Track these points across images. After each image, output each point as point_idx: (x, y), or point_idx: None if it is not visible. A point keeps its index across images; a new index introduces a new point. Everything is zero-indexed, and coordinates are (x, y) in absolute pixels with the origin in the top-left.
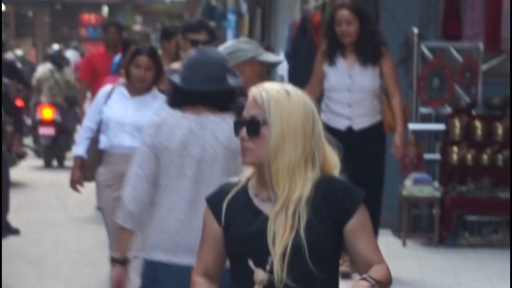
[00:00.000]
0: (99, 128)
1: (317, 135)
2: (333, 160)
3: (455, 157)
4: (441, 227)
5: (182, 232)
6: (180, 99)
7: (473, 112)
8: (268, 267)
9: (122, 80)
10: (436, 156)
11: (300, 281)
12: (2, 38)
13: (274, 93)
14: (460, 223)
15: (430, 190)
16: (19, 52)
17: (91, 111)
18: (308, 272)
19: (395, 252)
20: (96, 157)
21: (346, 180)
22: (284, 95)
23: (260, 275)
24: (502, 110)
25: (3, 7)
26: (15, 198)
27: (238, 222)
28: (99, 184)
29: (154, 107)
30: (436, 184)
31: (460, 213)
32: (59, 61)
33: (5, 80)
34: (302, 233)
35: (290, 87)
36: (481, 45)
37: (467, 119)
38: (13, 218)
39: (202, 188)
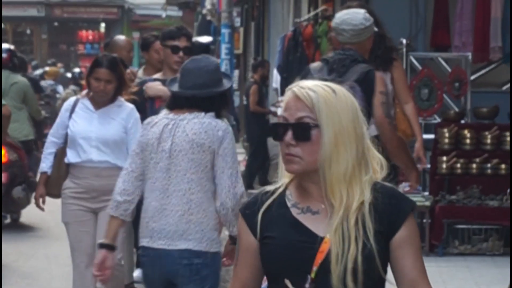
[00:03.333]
0: (65, 142)
1: (365, 135)
2: (378, 163)
3: (444, 166)
4: (431, 236)
5: (156, 219)
6: (172, 102)
7: (462, 121)
8: (307, 286)
9: (85, 91)
10: (426, 165)
11: None
12: (24, 59)
13: (322, 92)
14: (450, 232)
15: (420, 199)
16: None
17: (55, 126)
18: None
19: None
20: (60, 172)
21: (395, 187)
22: (331, 93)
23: None
24: (491, 119)
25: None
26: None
27: (274, 234)
28: (65, 196)
29: (120, 117)
30: (426, 193)
31: (450, 222)
32: (80, 82)
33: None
34: (372, 242)
35: (332, 84)
36: (469, 55)
37: (456, 129)
38: (6, 231)
39: (172, 177)
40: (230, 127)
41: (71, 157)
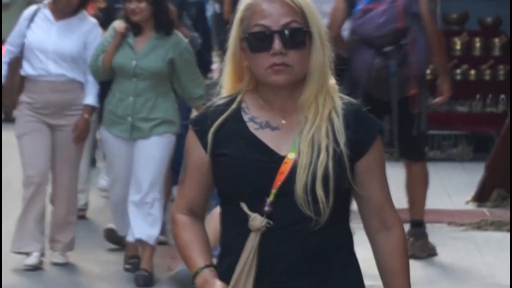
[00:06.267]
0: (22, 52)
1: None
2: None
3: None
4: None
5: None
6: None
7: None
8: (266, 210)
9: (47, 0)
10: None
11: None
12: None
13: None
14: None
15: None
16: None
17: (13, 34)
18: (343, 203)
19: None
20: (14, 82)
21: (361, 105)
22: None
23: (257, 221)
24: (460, 25)
25: None
26: None
27: (229, 152)
28: (20, 109)
29: (81, 32)
30: None
31: None
32: None
33: None
34: (342, 147)
35: None
36: None
37: None
38: None
39: None
40: None
41: (27, 68)
